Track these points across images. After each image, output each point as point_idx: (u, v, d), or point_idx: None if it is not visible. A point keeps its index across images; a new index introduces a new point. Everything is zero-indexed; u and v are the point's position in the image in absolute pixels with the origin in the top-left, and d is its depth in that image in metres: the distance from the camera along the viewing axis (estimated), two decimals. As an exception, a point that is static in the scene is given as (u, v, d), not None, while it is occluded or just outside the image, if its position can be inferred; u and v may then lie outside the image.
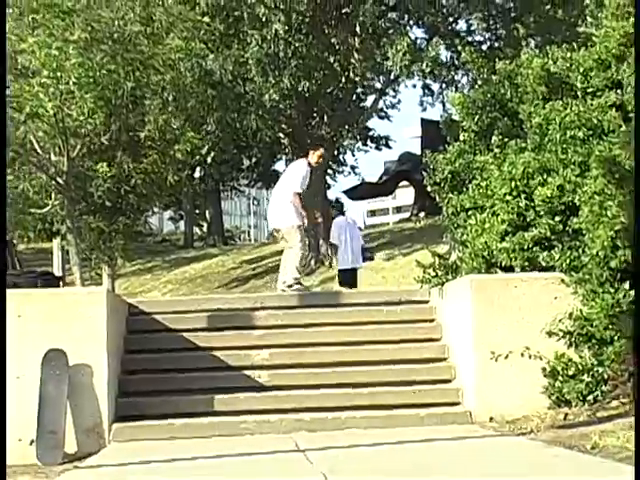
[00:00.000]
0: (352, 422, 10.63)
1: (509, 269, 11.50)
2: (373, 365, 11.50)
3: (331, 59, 33.43)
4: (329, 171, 41.65)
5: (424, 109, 40.32)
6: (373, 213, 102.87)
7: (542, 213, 11.37)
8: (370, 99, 39.92)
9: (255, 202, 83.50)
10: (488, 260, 11.73)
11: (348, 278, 21.26)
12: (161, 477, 8.03)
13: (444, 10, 35.81)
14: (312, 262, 31.97)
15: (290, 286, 14.60)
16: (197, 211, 54.80)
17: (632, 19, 12.78)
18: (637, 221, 9.12)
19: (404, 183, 48.06)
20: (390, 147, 46.49)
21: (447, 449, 8.97)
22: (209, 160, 35.60)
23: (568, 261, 10.85)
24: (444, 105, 37.10)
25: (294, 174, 15.32)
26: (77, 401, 10.49)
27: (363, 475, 7.21)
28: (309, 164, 15.45)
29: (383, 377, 11.34)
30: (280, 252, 26.70)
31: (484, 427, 10.45)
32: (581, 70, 12.47)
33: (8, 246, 33.51)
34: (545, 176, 11.52)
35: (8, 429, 10.10)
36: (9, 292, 12.89)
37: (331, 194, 42.84)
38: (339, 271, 21.95)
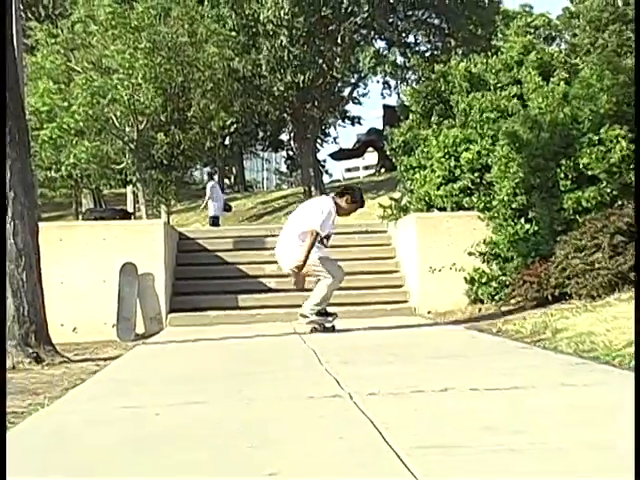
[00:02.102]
0: (333, 313, 10.68)
1: (443, 209, 11.53)
2: (349, 275, 11.50)
3: (320, 61, 33.36)
4: (318, 140, 41.60)
5: (384, 97, 40.22)
6: (349, 170, 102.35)
7: (465, 170, 11.38)
8: (347, 90, 39.84)
9: (266, 161, 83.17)
10: (428, 203, 11.77)
11: (217, 221, 21.68)
12: (203, 349, 8.10)
13: (398, 28, 36.07)
14: None
15: (304, 315, 9.00)
16: (227, 167, 54.43)
17: (528, 36, 12.73)
18: (638, 220, 8.47)
19: (371, 149, 47.69)
20: (361, 124, 46.34)
21: (398, 331, 9.03)
22: (233, 131, 35.57)
23: (483, 204, 10.90)
24: (399, 95, 36.99)
25: (315, 211, 8.89)
26: (144, 298, 10.57)
27: (342, 350, 7.27)
28: (337, 206, 8.93)
29: (355, 283, 11.32)
30: (285, 196, 26.44)
31: (424, 317, 10.55)
32: (493, 71, 12.45)
33: (96, 191, 33.51)
34: (468, 145, 11.51)
35: (97, 317, 10.19)
36: (97, 223, 12.85)
37: (320, 156, 42.87)
38: (212, 217, 22.07)
